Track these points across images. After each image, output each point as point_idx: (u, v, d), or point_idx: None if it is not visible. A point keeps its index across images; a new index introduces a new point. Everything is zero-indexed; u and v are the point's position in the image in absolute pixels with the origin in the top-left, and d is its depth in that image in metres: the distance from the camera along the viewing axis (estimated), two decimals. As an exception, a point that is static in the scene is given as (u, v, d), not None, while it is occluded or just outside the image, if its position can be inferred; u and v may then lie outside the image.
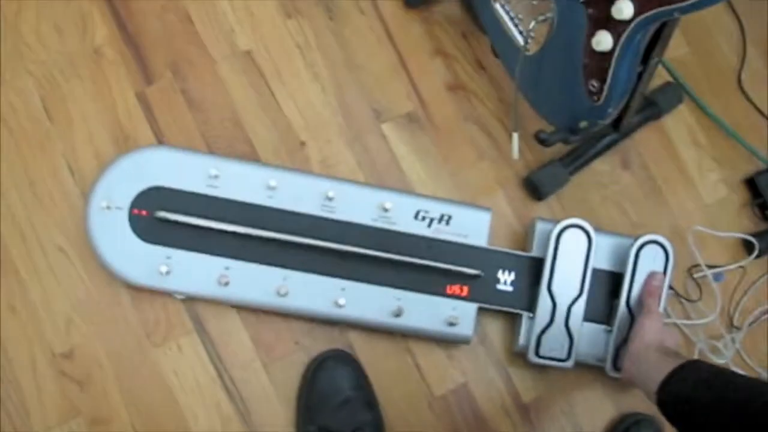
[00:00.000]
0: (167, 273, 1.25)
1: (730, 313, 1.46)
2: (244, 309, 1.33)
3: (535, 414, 1.39)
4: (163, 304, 1.32)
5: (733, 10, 1.58)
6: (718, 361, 1.40)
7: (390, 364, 1.36)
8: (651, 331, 1.24)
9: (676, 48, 1.55)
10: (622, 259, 1.36)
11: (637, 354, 1.22)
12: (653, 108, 1.48)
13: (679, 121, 1.53)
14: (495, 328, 1.40)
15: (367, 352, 1.35)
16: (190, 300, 1.31)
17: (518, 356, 1.37)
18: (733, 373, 1.05)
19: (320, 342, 1.34)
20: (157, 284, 1.27)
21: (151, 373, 1.30)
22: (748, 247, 1.48)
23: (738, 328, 1.45)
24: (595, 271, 1.35)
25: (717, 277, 1.45)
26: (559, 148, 1.40)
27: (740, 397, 0.96)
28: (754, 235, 1.47)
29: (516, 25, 1.27)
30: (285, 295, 1.28)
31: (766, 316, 1.47)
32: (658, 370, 1.08)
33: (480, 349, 1.39)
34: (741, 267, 1.47)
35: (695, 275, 1.45)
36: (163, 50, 1.39)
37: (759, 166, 1.53)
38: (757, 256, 1.46)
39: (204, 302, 1.32)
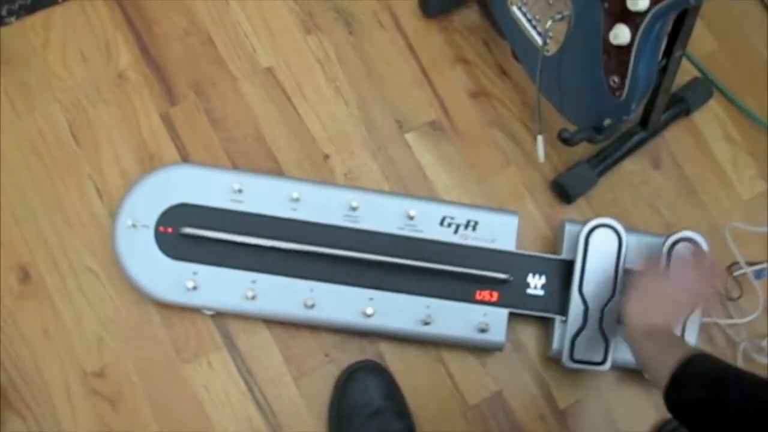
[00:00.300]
0: (194, 288, 1.26)
1: (773, 310, 1.42)
2: (273, 324, 1.33)
3: (573, 420, 1.36)
4: (192, 321, 1.32)
5: (762, 2, 1.55)
6: (763, 360, 1.36)
7: (422, 374, 1.34)
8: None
9: (704, 44, 1.53)
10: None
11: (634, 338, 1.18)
12: (682, 104, 1.46)
13: (710, 117, 1.51)
14: (528, 334, 1.38)
15: (398, 362, 1.34)
16: (220, 316, 1.31)
17: (553, 361, 1.35)
18: (736, 370, 1.01)
19: (350, 354, 1.33)
20: (184, 300, 1.27)
21: (182, 389, 1.30)
22: (788, 242, 1.44)
23: (783, 326, 1.41)
24: (628, 271, 1.31)
25: (758, 274, 1.41)
26: (587, 150, 1.39)
27: (740, 397, 0.93)
28: (795, 229, 1.43)
29: (534, 27, 1.27)
30: (312, 306, 1.27)
31: (810, 311, 1.42)
32: (662, 363, 1.05)
33: (514, 355, 1.37)
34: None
35: (735, 273, 1.41)
36: (185, 72, 1.42)
37: (797, 159, 1.49)
38: (799, 251, 1.42)
39: (233, 318, 1.32)
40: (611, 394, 1.37)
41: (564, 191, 1.41)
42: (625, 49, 1.11)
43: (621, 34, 1.09)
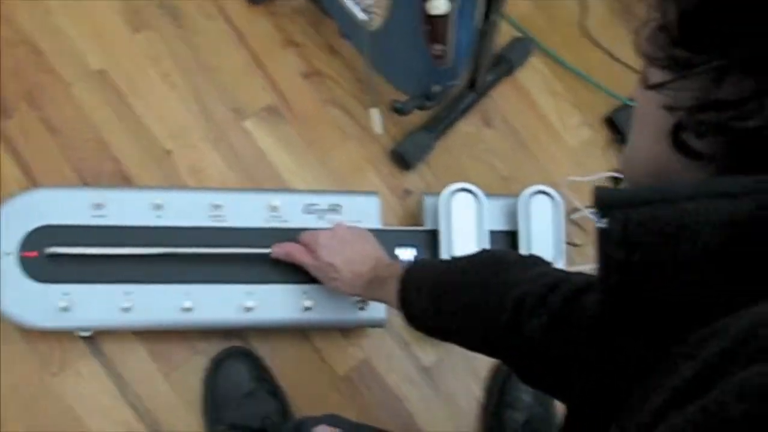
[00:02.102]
0: (67, 309, 1.23)
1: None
2: (136, 324, 1.33)
3: (439, 376, 1.42)
4: (54, 333, 1.30)
5: (566, -41, 1.64)
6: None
7: (289, 353, 1.37)
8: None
9: (519, 4, 1.60)
10: (514, 217, 1.39)
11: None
12: (505, 64, 1.53)
13: (533, 73, 1.59)
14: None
15: (265, 345, 1.37)
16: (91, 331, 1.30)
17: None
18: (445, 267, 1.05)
19: (216, 344, 1.35)
20: (60, 324, 1.25)
21: (55, 403, 1.29)
22: (619, 181, 1.53)
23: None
24: (492, 233, 1.37)
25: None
26: (422, 117, 1.44)
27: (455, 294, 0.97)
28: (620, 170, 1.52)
29: (357, 3, 1.30)
30: (190, 310, 1.26)
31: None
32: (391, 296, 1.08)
33: (396, 329, 1.42)
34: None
35: (573, 217, 1.49)
36: (14, 83, 1.39)
37: (616, 104, 1.59)
38: (626, 189, 1.51)
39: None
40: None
41: (402, 158, 1.46)
42: (444, 19, 1.16)
43: (438, 5, 1.14)
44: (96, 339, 1.32)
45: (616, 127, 1.56)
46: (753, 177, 0.49)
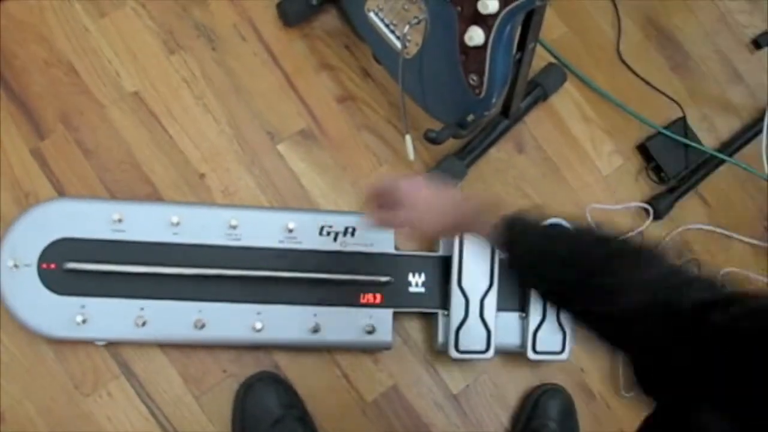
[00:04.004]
0: (84, 322, 1.26)
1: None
2: (168, 346, 1.34)
3: (466, 402, 1.43)
4: (87, 353, 1.32)
5: (604, -16, 1.63)
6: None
7: (318, 378, 1.38)
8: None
9: (554, 29, 1.60)
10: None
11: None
12: (539, 90, 1.53)
13: (566, 100, 1.58)
14: (415, 328, 1.43)
15: (294, 370, 1.37)
16: (113, 345, 1.32)
17: (442, 354, 1.41)
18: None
19: (247, 367, 1.36)
20: (75, 335, 1.28)
21: (85, 423, 1.31)
22: (647, 211, 1.53)
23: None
24: (503, 261, 1.37)
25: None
26: (454, 144, 1.44)
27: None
28: (650, 199, 1.52)
29: (392, 31, 1.31)
30: (203, 327, 1.29)
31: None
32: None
33: (404, 350, 1.42)
34: (640, 232, 1.52)
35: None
36: (51, 104, 1.40)
37: (649, 131, 1.59)
38: (655, 219, 1.51)
39: (128, 345, 1.33)
40: (499, 374, 1.44)
41: (436, 186, 1.46)
42: (480, 49, 1.16)
43: (476, 36, 1.14)
44: (127, 361, 1.33)
45: (648, 154, 1.56)
46: None
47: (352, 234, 1.36)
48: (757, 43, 1.68)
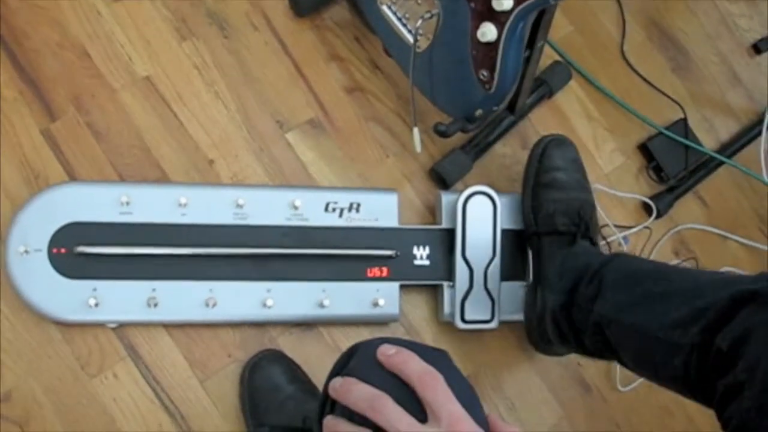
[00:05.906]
0: (96, 305, 1.27)
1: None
2: (174, 329, 1.35)
3: (474, 377, 1.45)
4: (95, 335, 1.33)
5: (610, -14, 1.65)
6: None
7: (323, 358, 1.39)
8: None
9: (560, 28, 1.62)
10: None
11: None
12: (544, 87, 1.55)
13: (570, 98, 1.60)
14: (421, 301, 1.46)
15: (297, 352, 1.39)
16: (121, 327, 1.33)
17: (447, 326, 1.44)
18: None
19: (251, 351, 1.37)
20: (88, 318, 1.29)
21: (91, 403, 1.32)
22: (647, 209, 1.56)
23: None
24: (504, 231, 1.42)
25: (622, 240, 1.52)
26: (460, 137, 1.46)
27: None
28: (652, 197, 1.55)
29: (404, 25, 1.32)
30: (214, 306, 1.31)
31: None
32: None
33: (409, 324, 1.45)
34: (647, 228, 1.55)
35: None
36: (63, 86, 1.40)
37: (650, 131, 1.61)
38: (657, 217, 1.54)
39: (134, 327, 1.34)
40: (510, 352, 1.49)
41: (441, 178, 1.48)
42: (492, 46, 1.18)
43: (488, 32, 1.16)
44: (133, 344, 1.34)
45: (650, 154, 1.58)
46: None
47: (357, 210, 1.39)
48: (757, 48, 1.71)
